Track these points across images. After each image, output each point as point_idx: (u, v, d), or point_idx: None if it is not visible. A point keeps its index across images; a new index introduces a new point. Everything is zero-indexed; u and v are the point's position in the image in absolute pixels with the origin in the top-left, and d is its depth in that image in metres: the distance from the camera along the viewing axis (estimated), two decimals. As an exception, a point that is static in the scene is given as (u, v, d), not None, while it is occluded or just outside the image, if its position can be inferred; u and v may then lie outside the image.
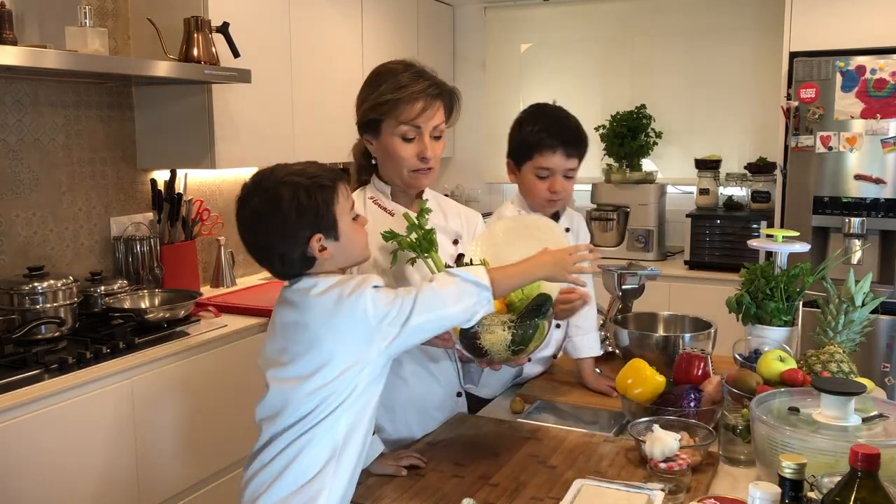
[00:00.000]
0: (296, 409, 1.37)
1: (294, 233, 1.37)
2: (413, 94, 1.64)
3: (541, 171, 2.02)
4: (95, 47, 2.45)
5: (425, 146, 1.66)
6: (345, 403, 1.36)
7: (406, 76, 1.66)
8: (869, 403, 1.44)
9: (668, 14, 4.33)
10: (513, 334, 1.47)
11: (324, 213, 1.38)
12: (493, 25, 4.76)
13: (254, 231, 1.41)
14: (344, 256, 1.43)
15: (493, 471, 1.55)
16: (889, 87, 3.23)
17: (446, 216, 1.84)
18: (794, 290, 1.94)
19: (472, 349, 1.50)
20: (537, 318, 1.50)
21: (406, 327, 1.35)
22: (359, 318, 1.33)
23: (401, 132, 1.66)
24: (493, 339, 1.47)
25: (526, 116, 2.09)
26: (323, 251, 1.39)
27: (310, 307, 1.36)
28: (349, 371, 1.35)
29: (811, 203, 3.43)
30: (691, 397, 1.70)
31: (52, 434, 2.08)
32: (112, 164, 2.97)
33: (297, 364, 1.37)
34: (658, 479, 1.41)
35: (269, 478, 1.38)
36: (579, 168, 2.09)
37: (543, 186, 2.03)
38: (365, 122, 1.71)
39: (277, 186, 1.38)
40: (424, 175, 1.70)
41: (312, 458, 1.37)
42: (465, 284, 1.38)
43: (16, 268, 2.59)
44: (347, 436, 1.38)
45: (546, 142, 2.00)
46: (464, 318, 1.39)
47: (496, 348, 1.48)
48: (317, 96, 3.45)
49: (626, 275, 2.28)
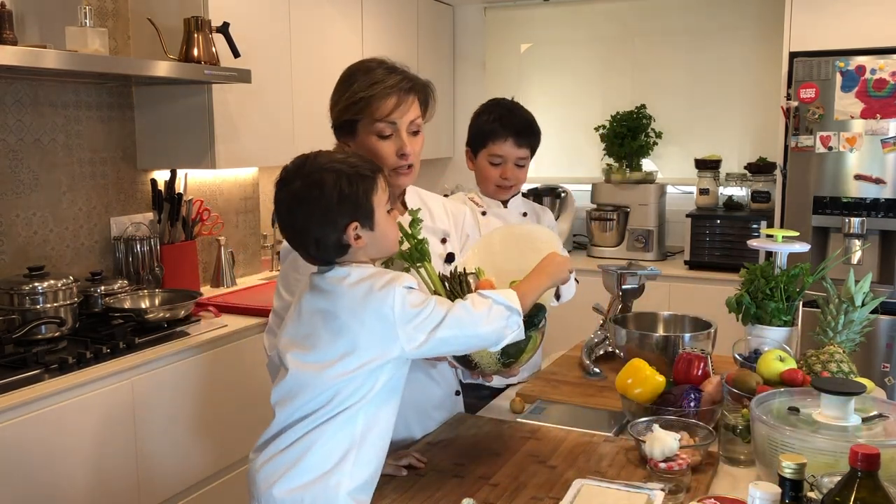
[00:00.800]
0: (313, 395, 1.38)
1: (333, 219, 1.38)
2: (386, 89, 1.62)
3: (493, 158, 2.21)
4: (95, 47, 2.45)
5: (403, 142, 1.63)
6: (364, 399, 1.37)
7: (379, 72, 1.64)
8: (869, 403, 1.44)
9: (668, 14, 4.33)
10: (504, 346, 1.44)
11: (363, 202, 1.39)
12: (493, 25, 4.76)
13: (293, 213, 1.41)
14: (376, 247, 1.44)
15: (493, 471, 1.55)
16: (889, 87, 3.23)
17: (433, 215, 1.83)
18: (794, 290, 1.94)
19: (461, 361, 1.49)
20: (530, 331, 1.47)
21: (433, 337, 1.34)
22: (385, 314, 1.34)
23: (377, 130, 1.63)
24: (483, 351, 1.45)
25: (483, 108, 2.27)
26: (358, 240, 1.40)
27: (341, 296, 1.37)
28: (369, 365, 1.36)
29: (811, 203, 3.43)
30: (691, 397, 1.70)
31: (52, 434, 2.08)
32: (112, 164, 2.97)
33: (320, 350, 1.38)
34: (658, 479, 1.41)
35: (284, 464, 1.38)
36: (531, 158, 2.27)
37: (496, 173, 2.22)
38: (340, 125, 1.69)
39: (321, 172, 1.39)
40: (405, 174, 1.67)
41: (330, 450, 1.37)
42: (498, 307, 1.39)
43: (16, 268, 2.59)
44: (364, 433, 1.38)
45: (498, 131, 2.19)
46: (492, 341, 1.40)
47: (486, 360, 1.47)
48: (317, 96, 3.43)
49: (626, 275, 2.28)
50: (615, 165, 4.23)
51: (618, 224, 4.10)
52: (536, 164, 4.71)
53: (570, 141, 4.61)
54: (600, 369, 2.19)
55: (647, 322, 2.19)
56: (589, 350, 2.27)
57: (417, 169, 1.71)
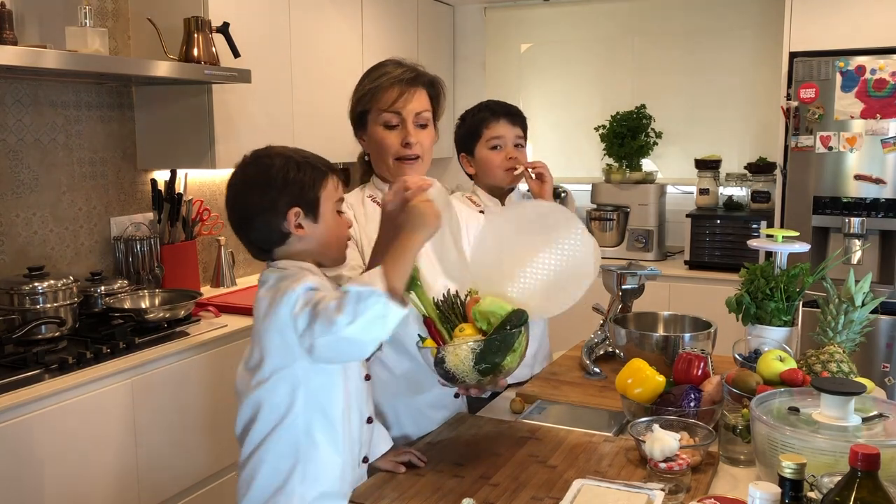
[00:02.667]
0: (245, 407, 1.41)
1: (275, 201, 1.38)
2: (390, 79, 1.67)
3: (493, 142, 2.18)
4: (95, 47, 2.45)
5: (408, 132, 1.67)
6: (291, 413, 1.36)
7: (388, 66, 1.71)
8: (869, 403, 1.44)
9: (669, 14, 4.33)
10: (475, 355, 1.42)
11: (308, 189, 1.39)
12: (493, 25, 4.76)
13: (238, 196, 1.42)
14: (319, 242, 1.42)
15: (493, 471, 1.55)
16: (889, 87, 3.23)
17: None
18: (793, 290, 1.94)
19: (443, 375, 1.47)
20: (505, 333, 1.44)
21: (317, 345, 1.26)
22: (283, 318, 1.30)
23: (383, 120, 1.68)
24: (456, 360, 1.42)
25: (464, 113, 2.29)
26: (299, 228, 1.39)
27: (257, 300, 1.38)
28: (280, 373, 1.35)
29: (811, 203, 3.43)
30: (691, 397, 1.70)
31: (52, 434, 2.08)
32: (112, 164, 2.97)
33: (246, 358, 1.41)
34: (658, 479, 1.41)
35: (243, 486, 1.42)
36: (526, 141, 2.24)
37: (500, 157, 2.18)
38: (355, 119, 1.74)
39: (272, 157, 1.41)
40: (410, 164, 1.70)
41: (275, 468, 1.38)
42: (356, 295, 1.23)
43: (16, 268, 2.59)
44: (307, 449, 1.38)
45: (489, 116, 2.20)
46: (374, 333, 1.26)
47: (462, 370, 1.43)
48: (317, 96, 3.45)
49: (626, 275, 2.28)
50: (615, 165, 4.23)
51: (618, 224, 4.10)
52: (536, 164, 4.74)
53: (570, 141, 4.61)
54: (600, 369, 2.19)
55: (647, 322, 2.19)
56: (589, 350, 2.27)
57: (427, 163, 1.73)
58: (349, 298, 1.23)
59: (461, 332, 1.50)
